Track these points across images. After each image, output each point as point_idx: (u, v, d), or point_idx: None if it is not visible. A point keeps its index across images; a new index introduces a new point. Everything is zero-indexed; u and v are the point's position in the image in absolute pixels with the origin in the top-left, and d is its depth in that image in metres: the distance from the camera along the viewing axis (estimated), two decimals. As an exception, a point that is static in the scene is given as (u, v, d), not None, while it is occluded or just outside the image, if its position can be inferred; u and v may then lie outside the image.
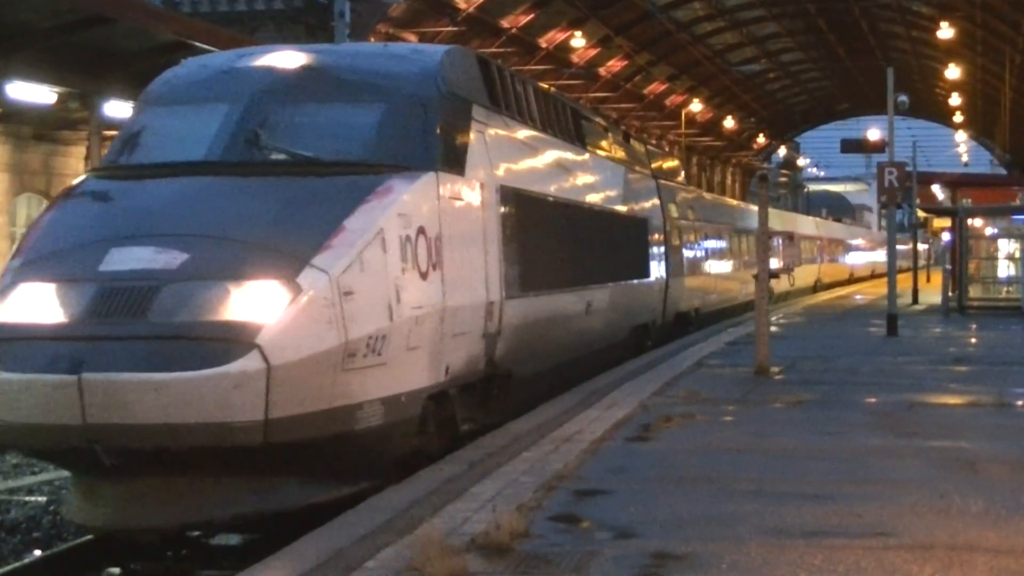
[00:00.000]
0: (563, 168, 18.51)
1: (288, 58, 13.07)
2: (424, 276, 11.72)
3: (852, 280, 72.36)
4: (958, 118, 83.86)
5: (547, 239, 16.55)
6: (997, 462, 11.35)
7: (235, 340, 9.89)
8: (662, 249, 26.28)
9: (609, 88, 68.23)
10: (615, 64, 66.31)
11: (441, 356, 12.16)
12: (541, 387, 16.37)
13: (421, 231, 11.74)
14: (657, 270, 25.61)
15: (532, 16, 54.35)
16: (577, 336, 18.61)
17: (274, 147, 12.04)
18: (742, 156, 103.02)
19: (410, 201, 11.68)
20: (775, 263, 38.03)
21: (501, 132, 15.08)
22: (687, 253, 29.88)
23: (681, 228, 29.22)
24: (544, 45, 57.82)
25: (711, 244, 34.41)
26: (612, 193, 22.09)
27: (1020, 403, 15.97)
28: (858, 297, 50.01)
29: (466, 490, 10.02)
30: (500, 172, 14.55)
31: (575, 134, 19.80)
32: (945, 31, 53.08)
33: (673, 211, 28.32)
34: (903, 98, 33.43)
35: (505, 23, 53.43)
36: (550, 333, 16.62)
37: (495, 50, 49.39)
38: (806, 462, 11.41)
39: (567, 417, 14.19)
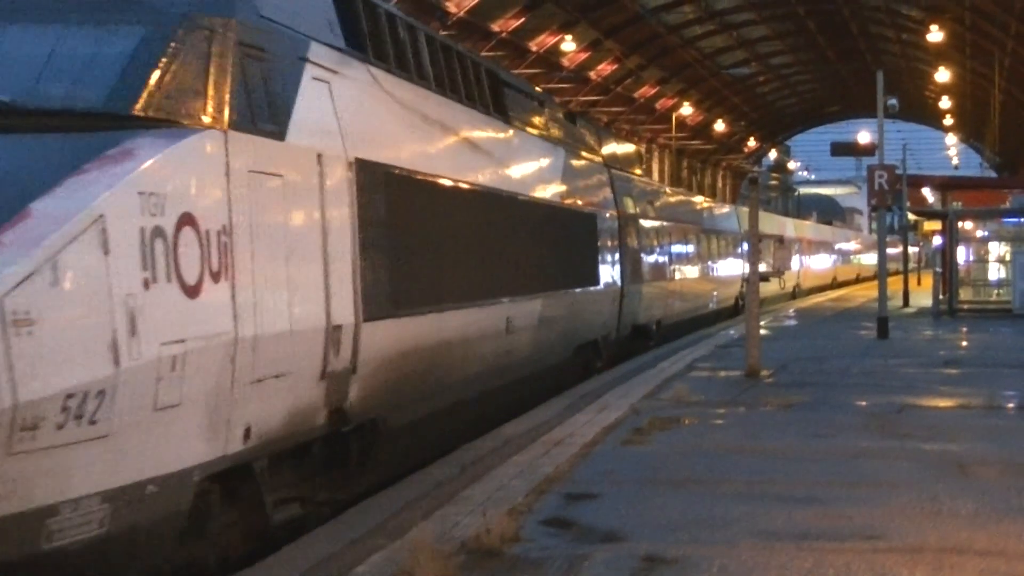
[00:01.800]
0: (472, 145, 14.73)
1: None
2: (193, 291, 7.93)
3: (836, 284, 70.48)
4: (948, 121, 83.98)
5: (441, 238, 12.76)
6: (987, 464, 11.37)
7: None
8: (616, 251, 22.83)
9: (600, 91, 68.23)
10: (605, 67, 66.31)
11: (233, 413, 8.43)
12: (437, 434, 13.07)
13: (187, 221, 7.93)
14: (609, 276, 22.19)
15: (523, 19, 54.31)
16: (492, 363, 14.97)
17: None
18: (733, 159, 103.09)
19: (163, 173, 7.87)
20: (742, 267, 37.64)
21: (364, 87, 11.37)
22: (647, 256, 26.31)
23: (640, 227, 25.67)
24: (535, 49, 57.81)
25: (676, 246, 30.58)
26: (547, 181, 18.34)
27: (1010, 405, 16.00)
28: (849, 300, 50.04)
29: (457, 494, 10.02)
30: (359, 142, 10.79)
31: (494, 104, 16.09)
32: (934, 34, 53.14)
33: (630, 206, 24.94)
34: (893, 101, 33.45)
35: (495, 26, 53.40)
36: (447, 362, 13.08)
37: (486, 54, 49.42)
38: (797, 464, 11.41)
39: (558, 420, 14.21)
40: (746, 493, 10.02)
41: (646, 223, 26.44)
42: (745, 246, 39.97)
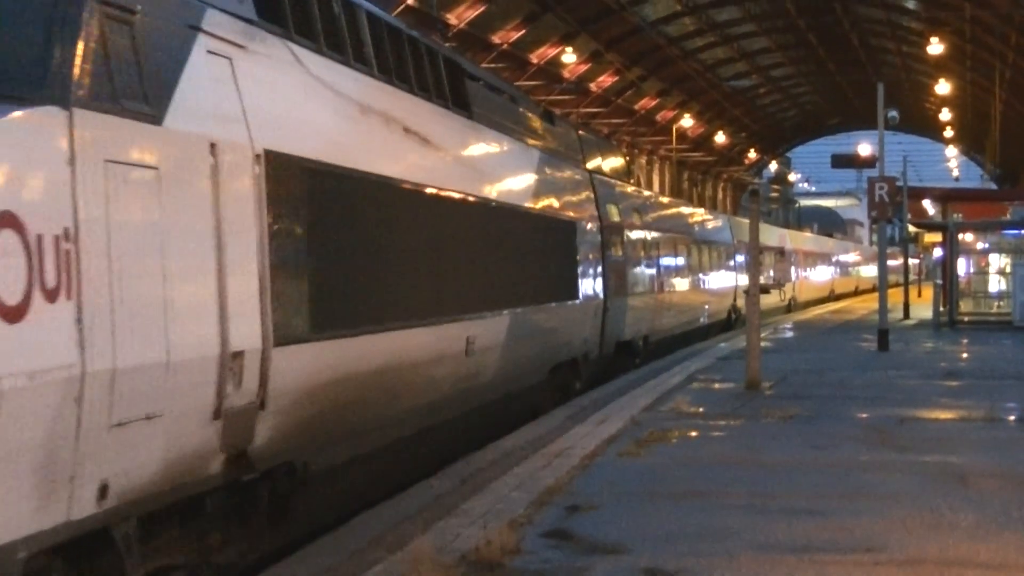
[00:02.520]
0: (423, 141, 12.77)
1: None
2: (11, 313, 6.18)
3: (833, 297, 68.37)
4: (948, 133, 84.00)
5: (381, 247, 11.05)
6: (988, 476, 11.36)
7: None
8: (598, 262, 21.19)
9: (600, 103, 68.29)
10: (606, 79, 66.38)
11: (81, 467, 6.72)
12: (378, 474, 11.60)
13: (5, 222, 6.21)
14: (591, 289, 20.54)
15: (523, 31, 54.39)
16: (450, 389, 13.22)
17: None
18: (733, 171, 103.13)
19: None
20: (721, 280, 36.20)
21: (282, 68, 9.68)
22: (633, 268, 24.64)
23: (625, 237, 23.95)
24: (535, 60, 57.87)
25: (665, 257, 28.70)
26: (517, 185, 16.50)
27: (1011, 417, 15.99)
28: (850, 312, 50.03)
29: (457, 506, 10.01)
30: (271, 131, 9.08)
31: (454, 96, 14.31)
32: (935, 46, 53.20)
33: (614, 214, 23.21)
34: (893, 113, 33.49)
35: (496, 38, 53.47)
36: (389, 391, 11.39)
37: (486, 66, 49.46)
38: (797, 476, 11.41)
39: (558, 432, 14.20)
40: (746, 505, 10.01)
41: (632, 233, 24.79)
42: (739, 258, 39.36)
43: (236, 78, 8.70)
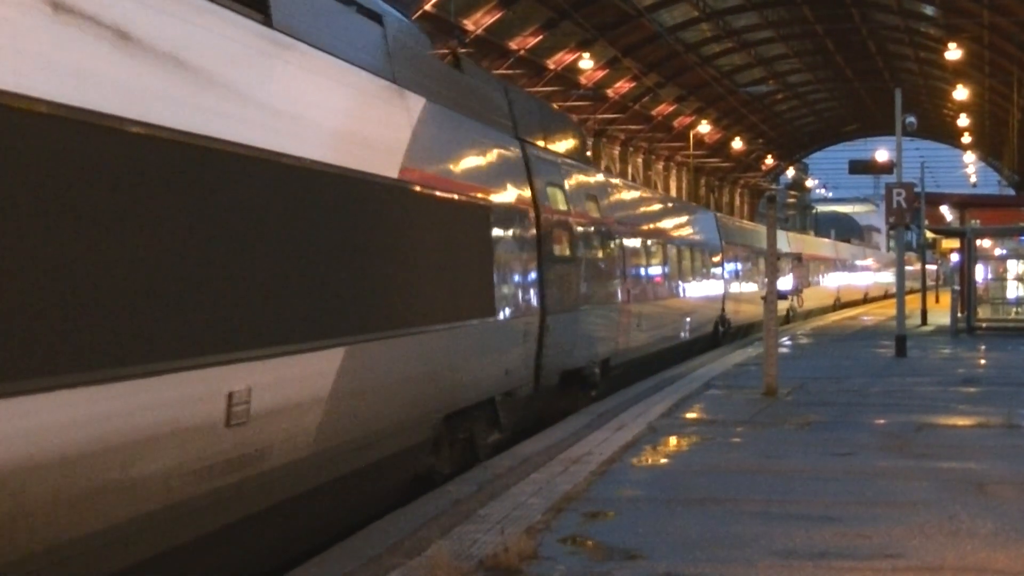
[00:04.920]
0: (147, 51, 7.29)
1: None
2: None
3: (839, 305, 62.15)
4: (966, 139, 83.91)
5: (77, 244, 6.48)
6: (1006, 483, 11.33)
7: None
8: (532, 264, 15.76)
9: (617, 109, 68.32)
10: (623, 85, 66.40)
11: None
12: None
13: None
14: (519, 300, 15.22)
15: (540, 38, 54.46)
16: (180, 487, 7.45)
17: None
18: (750, 177, 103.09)
19: None
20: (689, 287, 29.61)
21: None
22: (588, 272, 18.97)
23: (577, 231, 18.39)
24: (552, 67, 57.93)
25: (635, 259, 23.42)
26: (368, 144, 10.57)
27: (1029, 424, 15.94)
28: (866, 318, 49.94)
29: (475, 512, 10.01)
30: None
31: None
32: (953, 52, 53.19)
33: (559, 202, 17.65)
34: (911, 119, 33.44)
35: (513, 45, 53.54)
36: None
37: (503, 72, 49.53)
38: (815, 483, 11.39)
39: (575, 438, 14.20)
40: (764, 512, 10.00)
41: (586, 227, 19.19)
42: (730, 263, 35.69)
43: None
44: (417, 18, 39.71)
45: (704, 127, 76.97)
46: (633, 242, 23.32)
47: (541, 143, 17.82)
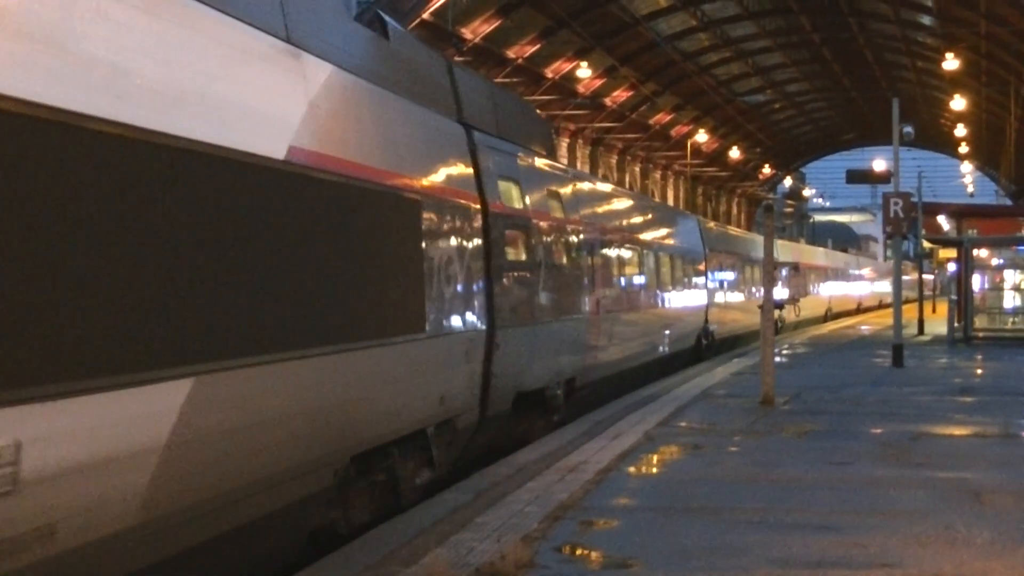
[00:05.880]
0: None
1: None
2: None
3: (830, 316, 60.07)
4: (963, 148, 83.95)
5: None
6: (1003, 492, 11.33)
7: None
8: (479, 270, 13.64)
9: (615, 118, 68.36)
10: (621, 94, 66.44)
11: None
12: None
13: None
14: (461, 312, 12.92)
15: (538, 46, 54.48)
16: None
17: None
18: (748, 186, 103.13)
19: None
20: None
21: None
22: (549, 279, 16.65)
23: (535, 233, 16.20)
24: (550, 75, 57.95)
25: (606, 265, 21.19)
26: (252, 114, 8.59)
27: (1026, 434, 15.96)
28: (863, 328, 49.92)
29: (471, 520, 10.01)
30: None
31: None
32: (950, 62, 53.25)
33: (513, 199, 15.61)
34: (908, 129, 33.43)
35: (511, 53, 53.56)
36: None
37: (501, 80, 49.56)
38: (812, 492, 11.39)
39: (572, 447, 14.19)
40: (761, 521, 10.00)
41: (546, 227, 16.98)
42: (715, 272, 33.92)
43: None
44: (415, 26, 39.78)
45: (702, 136, 77.01)
46: (604, 247, 21.15)
47: (493, 131, 15.66)
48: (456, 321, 12.80)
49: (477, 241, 13.70)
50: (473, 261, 13.45)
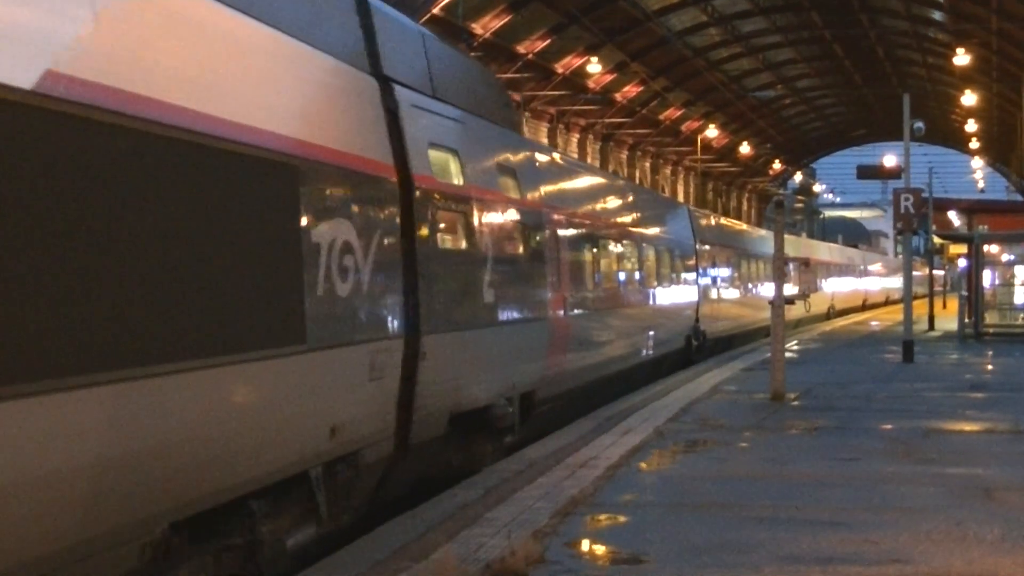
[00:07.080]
0: None
1: None
2: None
3: (834, 313, 57.35)
4: (974, 144, 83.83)
5: None
6: (1013, 489, 11.31)
7: None
8: (397, 261, 10.88)
9: (625, 114, 68.34)
10: (631, 89, 66.42)
11: None
12: None
13: None
14: (364, 315, 10.02)
15: (548, 42, 54.47)
16: None
17: None
18: (758, 182, 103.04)
19: None
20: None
21: None
22: (498, 273, 13.77)
23: (476, 216, 13.25)
24: (560, 70, 57.93)
25: (573, 257, 18.02)
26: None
27: (1037, 430, 15.92)
28: (874, 323, 49.86)
29: (481, 516, 10.01)
30: None
31: None
32: (961, 58, 53.16)
33: (450, 173, 12.86)
34: (919, 124, 33.37)
35: (522, 48, 53.55)
36: None
37: (512, 75, 49.56)
38: (822, 489, 11.38)
39: (582, 443, 14.19)
40: (771, 517, 9.99)
41: (496, 209, 14.15)
42: (707, 267, 31.31)
43: None
44: (425, 21, 39.78)
45: (712, 131, 76.98)
46: (575, 236, 18.24)
47: (427, 91, 12.70)
48: (358, 328, 9.87)
49: (394, 224, 10.82)
50: (387, 250, 10.53)
